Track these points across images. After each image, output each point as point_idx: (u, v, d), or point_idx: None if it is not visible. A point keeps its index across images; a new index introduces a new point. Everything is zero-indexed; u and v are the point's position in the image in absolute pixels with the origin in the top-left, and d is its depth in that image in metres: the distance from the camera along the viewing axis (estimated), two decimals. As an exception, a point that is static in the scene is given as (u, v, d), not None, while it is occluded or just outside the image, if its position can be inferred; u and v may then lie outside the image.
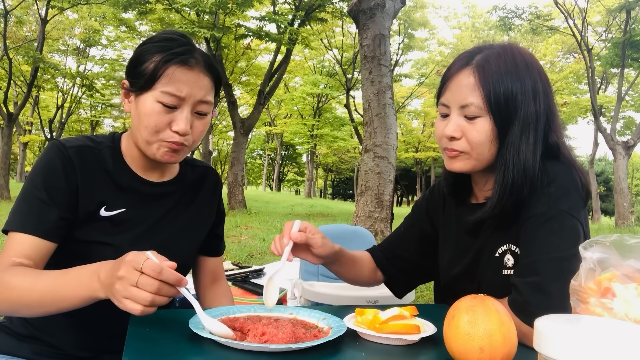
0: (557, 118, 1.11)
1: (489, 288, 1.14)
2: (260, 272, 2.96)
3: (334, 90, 23.83)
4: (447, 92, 1.09)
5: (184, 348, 0.85)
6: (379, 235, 6.89)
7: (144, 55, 1.09)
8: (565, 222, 1.01)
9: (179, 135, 1.08)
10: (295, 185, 56.27)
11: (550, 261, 0.98)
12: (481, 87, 1.04)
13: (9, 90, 16.34)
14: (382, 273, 1.37)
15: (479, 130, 1.05)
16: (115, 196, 1.14)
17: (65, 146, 1.11)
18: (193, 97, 1.08)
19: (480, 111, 1.04)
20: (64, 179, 1.08)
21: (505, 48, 1.09)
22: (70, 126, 25.82)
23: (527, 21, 18.74)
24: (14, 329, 1.18)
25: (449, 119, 1.09)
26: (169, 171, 1.23)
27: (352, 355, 0.87)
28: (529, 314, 0.90)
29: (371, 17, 7.18)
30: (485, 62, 1.05)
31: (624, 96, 17.94)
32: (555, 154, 1.09)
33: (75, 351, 1.15)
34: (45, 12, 15.28)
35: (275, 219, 12.26)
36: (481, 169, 1.11)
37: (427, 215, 1.34)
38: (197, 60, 1.10)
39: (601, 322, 0.67)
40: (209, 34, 12.24)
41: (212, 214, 1.31)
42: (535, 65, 1.08)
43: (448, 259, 1.25)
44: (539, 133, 1.06)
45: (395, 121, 7.25)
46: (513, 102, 1.04)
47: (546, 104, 1.08)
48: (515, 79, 1.04)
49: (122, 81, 1.15)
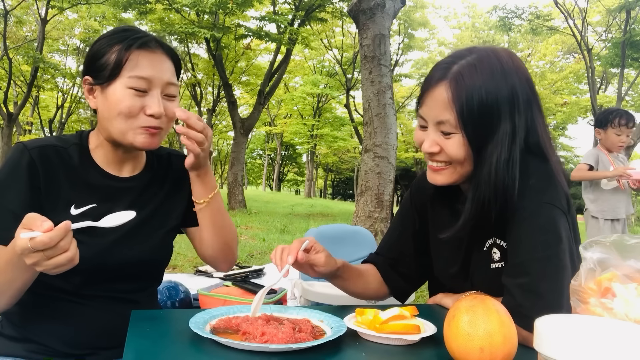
0: (542, 122, 1.08)
1: (480, 282, 1.15)
2: (260, 272, 2.97)
3: (334, 90, 23.82)
4: (424, 106, 1.08)
5: (184, 348, 0.85)
6: (379, 235, 6.89)
7: (103, 49, 1.12)
8: (549, 215, 1.00)
9: (154, 119, 1.11)
10: (295, 185, 56.25)
11: (539, 260, 0.97)
12: (454, 104, 1.01)
13: (9, 90, 16.34)
14: (384, 281, 1.34)
15: (454, 146, 1.04)
16: (83, 193, 1.14)
17: (28, 147, 1.10)
18: (160, 79, 1.11)
19: (455, 128, 1.03)
20: (27, 182, 1.08)
21: (482, 57, 1.04)
22: (70, 126, 25.79)
23: (527, 21, 18.73)
24: (6, 332, 1.17)
25: (426, 132, 1.08)
26: (136, 165, 1.24)
27: (352, 355, 0.87)
28: (524, 318, 0.88)
29: (371, 17, 7.18)
30: (459, 77, 1.01)
31: (624, 96, 17.92)
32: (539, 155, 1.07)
33: (68, 350, 1.14)
34: (45, 12, 15.27)
35: (275, 219, 12.25)
36: (463, 181, 1.11)
37: (416, 211, 1.32)
38: (156, 43, 1.14)
39: (601, 322, 0.67)
40: (209, 34, 12.24)
41: (183, 197, 1.29)
42: (516, 71, 1.04)
43: (444, 257, 1.25)
44: (516, 146, 1.03)
45: (395, 121, 7.25)
46: (488, 116, 1.01)
47: (527, 112, 1.05)
48: (491, 90, 1.00)
49: (84, 78, 1.15)
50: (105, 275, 1.14)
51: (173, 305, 2.00)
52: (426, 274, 1.35)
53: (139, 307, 1.19)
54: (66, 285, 1.12)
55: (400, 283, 1.34)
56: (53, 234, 0.84)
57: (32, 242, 0.83)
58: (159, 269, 1.30)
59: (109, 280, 1.15)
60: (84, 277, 1.11)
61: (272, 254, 1.10)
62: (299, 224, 11.24)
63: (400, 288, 1.36)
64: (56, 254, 0.86)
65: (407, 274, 1.34)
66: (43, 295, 1.12)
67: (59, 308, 1.13)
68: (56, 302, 1.14)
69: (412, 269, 1.33)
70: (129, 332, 0.92)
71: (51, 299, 1.13)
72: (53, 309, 1.14)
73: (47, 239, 0.83)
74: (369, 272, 1.34)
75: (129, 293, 1.20)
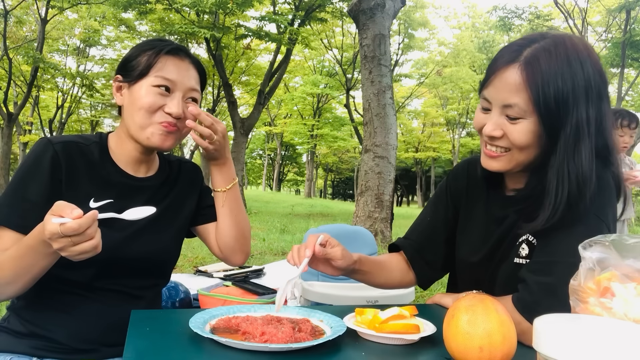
0: (610, 120, 1.03)
1: (502, 275, 1.13)
2: (260, 272, 2.96)
3: (334, 90, 23.83)
4: (491, 87, 1.02)
5: (184, 348, 0.86)
6: (379, 235, 6.90)
7: (136, 53, 1.22)
8: (591, 225, 0.97)
9: (172, 117, 1.18)
10: (295, 185, 56.24)
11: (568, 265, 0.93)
12: (529, 88, 0.96)
13: (9, 90, 16.33)
14: (411, 265, 1.32)
15: (521, 131, 1.00)
16: (101, 189, 1.20)
17: (52, 142, 1.17)
18: (184, 84, 1.20)
19: (525, 113, 0.98)
20: (50, 175, 1.13)
21: (557, 41, 0.99)
22: (70, 126, 25.78)
23: (527, 21, 18.75)
24: (12, 327, 1.19)
25: (489, 115, 1.04)
26: (150, 167, 1.31)
27: (352, 355, 0.87)
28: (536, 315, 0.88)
29: (371, 17, 7.18)
30: (535, 60, 0.97)
31: (624, 96, 17.93)
32: (601, 158, 1.03)
33: (74, 344, 1.17)
34: (45, 12, 15.27)
35: (275, 219, 12.25)
36: (518, 170, 1.07)
37: (452, 199, 1.31)
38: (185, 54, 1.24)
39: (600, 321, 0.67)
40: (209, 34, 12.23)
41: (193, 199, 1.37)
42: (591, 62, 0.99)
43: (469, 245, 1.23)
44: (591, 138, 0.99)
45: (395, 121, 7.25)
46: (564, 104, 0.96)
47: (599, 105, 1.00)
48: (568, 78, 0.96)
49: (115, 76, 1.24)
50: (116, 269, 1.19)
51: (173, 305, 2.01)
52: (450, 264, 1.33)
53: (145, 303, 1.24)
54: (79, 277, 1.16)
55: (426, 269, 1.33)
56: (82, 221, 0.89)
57: (62, 227, 0.88)
58: (168, 267, 1.34)
59: (120, 274, 1.20)
60: (97, 268, 1.16)
61: (289, 255, 1.10)
62: (299, 224, 11.24)
63: (425, 275, 1.34)
64: (83, 240, 0.91)
65: (432, 260, 1.32)
66: (53, 289, 1.16)
67: (68, 301, 1.17)
68: (65, 296, 1.17)
69: (438, 256, 1.31)
70: (129, 332, 0.92)
71: (61, 292, 1.17)
72: (62, 303, 1.17)
73: (76, 225, 0.88)
74: (391, 261, 1.33)
75: (138, 289, 1.24)
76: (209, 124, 1.19)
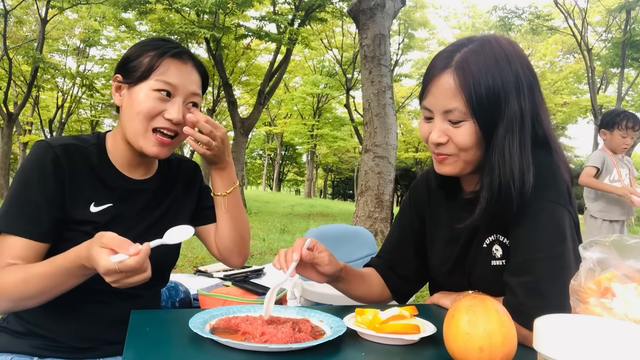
0: (545, 109, 1.08)
1: (478, 280, 1.14)
2: (260, 272, 2.96)
3: (334, 90, 23.81)
4: (429, 96, 1.06)
5: (183, 348, 0.85)
6: (379, 235, 6.89)
7: (138, 52, 1.17)
8: (554, 213, 1.00)
9: (171, 123, 1.14)
10: (295, 185, 56.23)
11: (544, 260, 0.97)
12: (462, 91, 1.00)
13: (9, 90, 16.33)
14: (385, 283, 1.34)
15: (464, 134, 1.03)
16: (101, 192, 1.18)
17: (52, 144, 1.14)
18: (186, 89, 1.17)
19: (465, 115, 1.01)
20: (53, 178, 1.11)
21: (484, 43, 1.04)
22: (70, 126, 25.76)
23: (527, 21, 18.73)
24: (11, 327, 1.19)
25: (433, 123, 1.07)
26: (149, 168, 1.29)
27: (352, 355, 0.87)
28: (526, 317, 0.87)
29: (371, 17, 7.18)
30: (465, 63, 1.01)
31: (624, 96, 17.93)
32: (544, 146, 1.07)
33: (75, 343, 1.17)
34: (45, 12, 15.27)
35: (275, 219, 12.25)
36: (470, 171, 1.10)
37: (416, 212, 1.33)
38: (189, 57, 1.20)
39: (601, 322, 0.67)
40: (209, 34, 12.22)
41: (192, 200, 1.36)
42: (518, 58, 1.04)
43: (439, 255, 1.25)
44: (525, 131, 1.03)
45: (395, 121, 7.25)
46: (496, 102, 1.00)
47: (531, 98, 1.04)
48: (497, 76, 1.00)
49: (115, 76, 1.20)
50: None
51: (173, 305, 2.00)
52: (426, 275, 1.35)
53: (144, 301, 1.24)
54: None
55: (400, 285, 1.34)
56: (140, 259, 0.90)
57: (121, 265, 0.89)
58: (167, 269, 1.33)
59: None
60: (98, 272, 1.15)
61: (275, 260, 1.09)
62: (299, 224, 11.24)
63: (400, 290, 1.35)
64: (137, 274, 0.92)
65: (406, 275, 1.33)
66: None
67: (68, 302, 1.16)
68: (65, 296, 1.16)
69: (412, 270, 1.33)
70: (129, 332, 0.92)
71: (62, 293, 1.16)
72: (63, 303, 1.16)
73: (135, 263, 0.90)
74: (371, 275, 1.34)
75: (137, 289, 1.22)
76: (207, 131, 1.17)
